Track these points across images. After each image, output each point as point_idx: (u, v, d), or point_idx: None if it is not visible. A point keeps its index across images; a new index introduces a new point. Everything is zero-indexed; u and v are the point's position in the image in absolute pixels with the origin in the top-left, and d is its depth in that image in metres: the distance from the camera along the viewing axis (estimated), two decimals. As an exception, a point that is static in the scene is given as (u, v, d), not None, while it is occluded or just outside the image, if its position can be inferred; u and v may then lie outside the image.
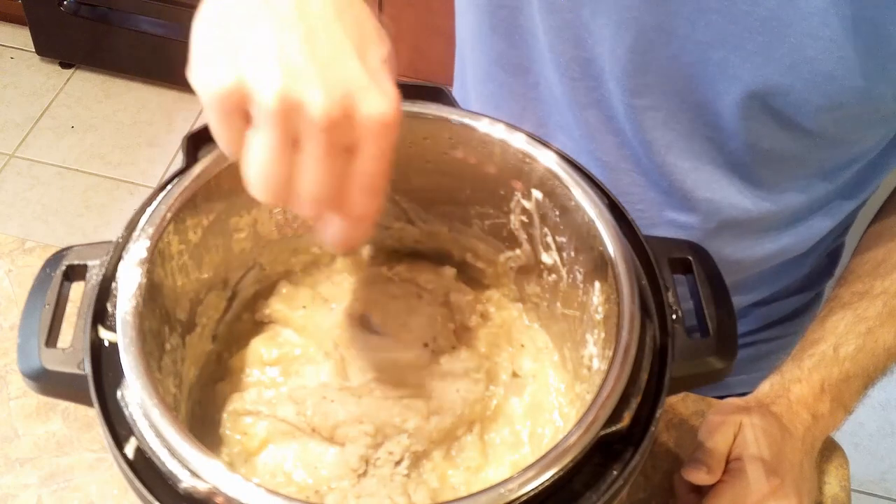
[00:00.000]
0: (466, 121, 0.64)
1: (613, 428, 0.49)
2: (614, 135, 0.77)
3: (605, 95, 0.74)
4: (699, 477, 0.68)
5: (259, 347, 0.68)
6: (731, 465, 0.69)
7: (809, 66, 0.64)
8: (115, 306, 0.53)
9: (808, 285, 0.95)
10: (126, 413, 0.50)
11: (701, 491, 0.70)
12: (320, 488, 0.61)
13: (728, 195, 0.77)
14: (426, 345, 0.66)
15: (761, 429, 0.70)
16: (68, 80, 2.42)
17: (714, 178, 0.76)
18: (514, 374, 0.69)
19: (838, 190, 0.80)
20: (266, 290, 0.71)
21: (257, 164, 0.42)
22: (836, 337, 0.74)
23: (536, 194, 0.64)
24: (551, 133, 0.81)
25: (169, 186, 0.59)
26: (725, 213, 0.78)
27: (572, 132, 0.79)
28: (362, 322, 0.68)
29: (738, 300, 0.89)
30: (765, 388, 0.75)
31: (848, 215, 0.85)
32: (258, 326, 0.70)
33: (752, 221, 0.79)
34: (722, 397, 0.92)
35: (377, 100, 0.42)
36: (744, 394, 0.92)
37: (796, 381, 0.74)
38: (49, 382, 0.53)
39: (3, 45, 2.48)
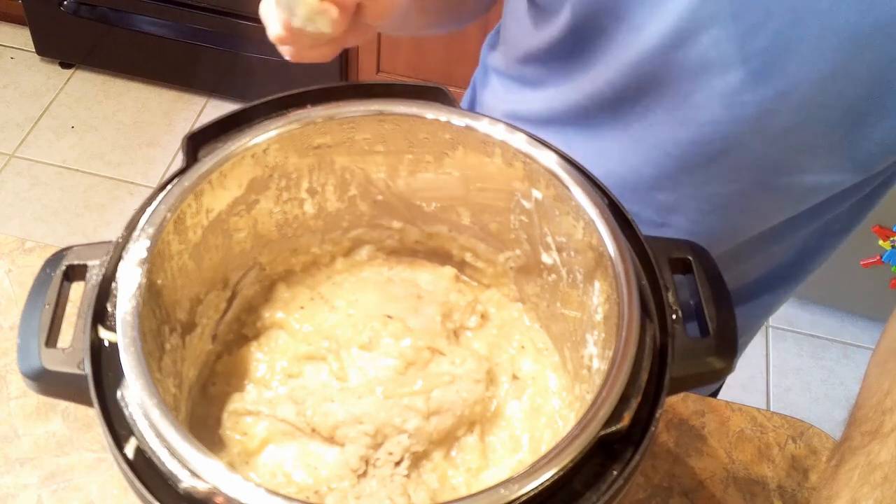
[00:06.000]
0: (466, 121, 0.64)
1: (613, 428, 0.50)
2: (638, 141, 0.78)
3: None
4: None
5: (259, 348, 0.68)
6: None
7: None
8: (115, 306, 0.53)
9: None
10: (126, 413, 0.50)
11: None
12: (320, 489, 0.61)
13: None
14: (426, 345, 0.66)
15: None
16: (68, 80, 2.41)
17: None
18: (514, 377, 0.69)
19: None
20: (266, 292, 0.71)
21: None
22: (852, 490, 0.66)
23: (536, 194, 0.64)
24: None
25: (169, 186, 0.59)
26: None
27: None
28: (362, 322, 0.68)
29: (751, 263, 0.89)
30: None
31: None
32: (258, 327, 0.70)
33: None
34: None
35: None
36: None
37: None
38: (49, 382, 0.53)
39: (3, 45, 2.48)
